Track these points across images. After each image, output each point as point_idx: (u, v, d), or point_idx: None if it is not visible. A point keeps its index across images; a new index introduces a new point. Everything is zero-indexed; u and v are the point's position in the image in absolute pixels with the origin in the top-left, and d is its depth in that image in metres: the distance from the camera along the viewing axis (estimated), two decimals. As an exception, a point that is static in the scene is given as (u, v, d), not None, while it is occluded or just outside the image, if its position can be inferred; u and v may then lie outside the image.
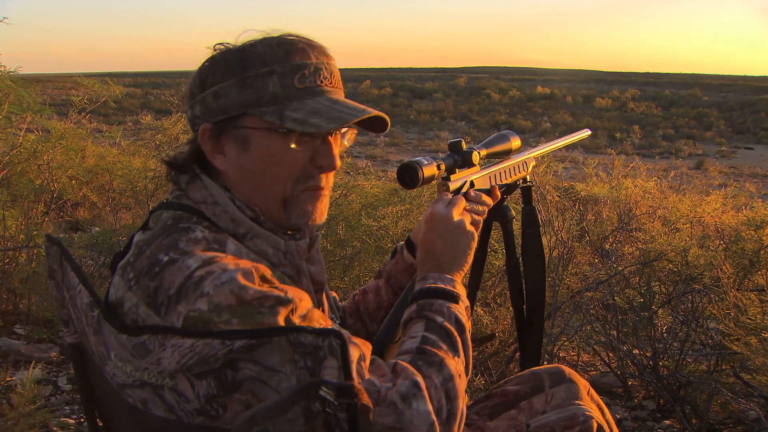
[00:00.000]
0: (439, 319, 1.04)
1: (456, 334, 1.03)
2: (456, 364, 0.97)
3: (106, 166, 5.06)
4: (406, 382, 0.87)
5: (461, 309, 1.08)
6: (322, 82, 0.98)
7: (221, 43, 1.00)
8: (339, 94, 1.01)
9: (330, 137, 1.01)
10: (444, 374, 0.94)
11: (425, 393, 0.88)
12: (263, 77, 0.95)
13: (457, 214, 1.18)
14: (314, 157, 1.00)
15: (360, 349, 0.88)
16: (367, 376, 0.86)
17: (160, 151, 4.43)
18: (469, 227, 1.19)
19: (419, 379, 0.89)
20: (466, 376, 1.00)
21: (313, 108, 0.96)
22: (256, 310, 0.82)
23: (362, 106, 1.01)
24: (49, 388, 2.63)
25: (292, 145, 0.97)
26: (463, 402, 0.94)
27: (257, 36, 0.99)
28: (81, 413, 2.44)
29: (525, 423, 1.24)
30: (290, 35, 1.00)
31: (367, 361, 0.89)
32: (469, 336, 1.05)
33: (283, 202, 1.00)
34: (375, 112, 1.01)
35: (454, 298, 1.09)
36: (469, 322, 1.09)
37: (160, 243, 0.90)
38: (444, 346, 0.99)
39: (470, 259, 1.18)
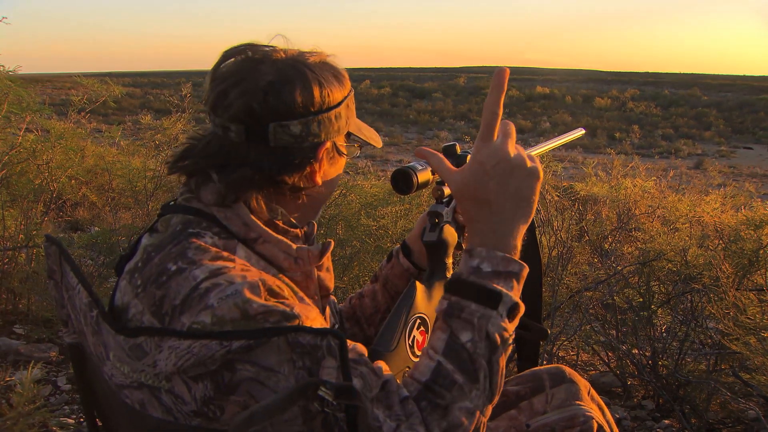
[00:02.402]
0: (465, 337, 0.89)
1: (482, 360, 0.89)
2: (468, 403, 0.88)
3: (105, 166, 5.05)
4: None
5: (498, 318, 0.90)
6: None
7: (276, 49, 0.99)
8: None
9: None
10: (448, 420, 0.86)
11: None
12: (351, 98, 1.05)
13: (512, 149, 0.95)
14: None
15: (365, 379, 0.84)
16: (371, 408, 0.83)
17: (160, 150, 4.43)
18: (531, 164, 0.94)
19: (422, 429, 0.84)
20: (486, 405, 0.90)
21: (360, 125, 1.10)
22: (260, 324, 0.81)
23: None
24: (49, 388, 2.63)
25: (349, 158, 1.10)
26: None
27: (297, 49, 1.02)
28: (80, 413, 2.44)
29: (525, 423, 1.23)
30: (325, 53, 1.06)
31: (375, 390, 0.85)
32: (503, 354, 0.91)
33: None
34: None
35: (494, 300, 0.90)
36: (512, 327, 0.92)
37: (170, 251, 0.89)
38: (459, 379, 0.88)
39: (535, 206, 0.96)
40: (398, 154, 20.16)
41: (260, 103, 0.93)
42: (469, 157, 1.10)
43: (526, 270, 0.95)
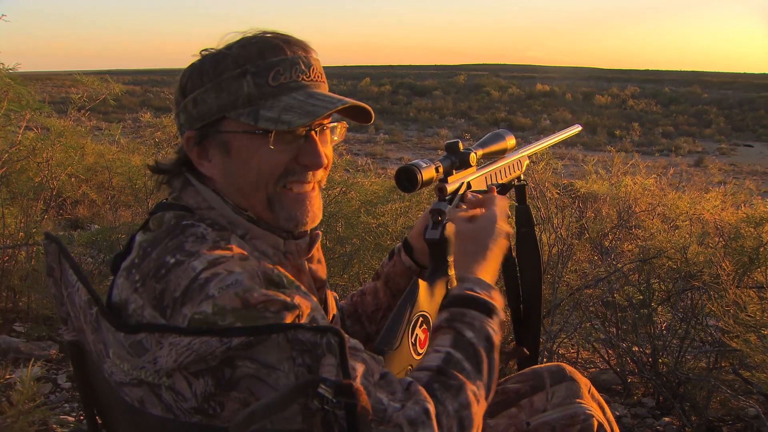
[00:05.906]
0: (469, 334, 0.97)
1: (483, 354, 0.96)
2: (476, 389, 0.92)
3: (105, 164, 5.05)
4: (416, 408, 0.83)
5: (494, 325, 1.01)
6: (299, 76, 0.97)
7: (206, 49, 1.00)
8: (320, 87, 1.00)
9: (313, 133, 1.00)
10: (460, 401, 0.89)
11: (434, 422, 0.83)
12: (237, 78, 0.95)
13: (505, 223, 1.18)
14: (299, 156, 0.99)
15: (367, 364, 0.85)
16: (374, 392, 0.83)
17: (160, 148, 4.43)
18: (507, 239, 1.19)
19: (430, 406, 0.84)
20: (486, 399, 0.95)
21: (287, 104, 0.95)
22: (260, 314, 0.81)
23: (338, 97, 0.99)
24: (49, 386, 2.63)
25: (271, 146, 0.96)
26: (477, 430, 0.90)
27: (237, 37, 0.99)
28: (80, 411, 2.44)
29: (525, 421, 1.23)
30: (266, 32, 0.99)
31: (376, 376, 0.85)
32: (497, 355, 0.99)
33: (268, 203, 0.99)
34: (351, 102, 0.99)
35: (489, 310, 1.01)
36: (499, 336, 1.02)
37: (167, 245, 0.90)
38: (467, 367, 0.93)
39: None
40: (398, 152, 20.16)
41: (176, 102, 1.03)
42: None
43: (501, 304, 1.06)
